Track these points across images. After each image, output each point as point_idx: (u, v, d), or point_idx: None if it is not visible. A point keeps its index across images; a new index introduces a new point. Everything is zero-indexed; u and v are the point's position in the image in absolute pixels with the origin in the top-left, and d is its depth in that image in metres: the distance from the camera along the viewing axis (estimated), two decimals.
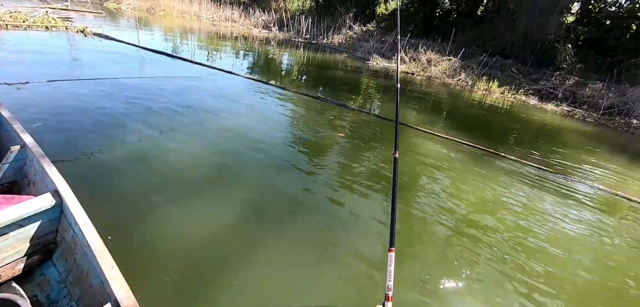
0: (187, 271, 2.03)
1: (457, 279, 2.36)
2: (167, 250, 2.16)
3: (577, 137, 7.75)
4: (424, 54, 14.46)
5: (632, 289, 2.66)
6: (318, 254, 2.38)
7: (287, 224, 2.66)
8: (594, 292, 2.55)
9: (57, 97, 4.24)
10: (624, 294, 2.60)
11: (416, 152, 4.67)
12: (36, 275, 1.70)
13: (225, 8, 21.89)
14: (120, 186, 2.75)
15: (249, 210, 2.75)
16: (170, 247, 2.19)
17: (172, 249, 2.17)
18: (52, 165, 1.92)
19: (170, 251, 2.16)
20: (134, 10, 18.77)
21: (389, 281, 0.67)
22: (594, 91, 11.88)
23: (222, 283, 1.98)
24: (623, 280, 2.76)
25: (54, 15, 10.60)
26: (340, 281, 2.16)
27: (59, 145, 3.12)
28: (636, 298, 2.57)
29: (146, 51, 8.43)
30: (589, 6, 15.49)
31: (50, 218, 1.73)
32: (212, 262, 2.13)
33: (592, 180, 4.88)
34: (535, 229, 3.22)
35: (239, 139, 4.05)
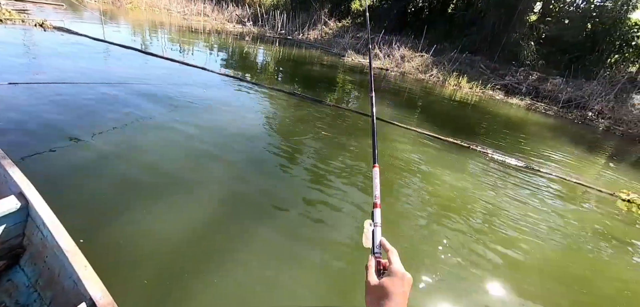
0: (164, 269, 2.01)
1: (429, 265, 2.49)
2: (142, 249, 2.12)
3: (539, 129, 8.27)
4: (398, 50, 14.79)
5: (589, 264, 2.93)
6: (296, 249, 2.43)
7: (263, 220, 2.68)
8: (557, 269, 2.78)
9: (18, 98, 3.98)
10: (583, 270, 2.85)
11: (390, 147, 4.81)
12: (3, 281, 1.63)
13: (197, 2, 21.26)
14: (90, 187, 2.65)
15: (224, 207, 2.75)
16: (145, 246, 2.15)
17: (146, 248, 2.14)
18: (14, 166, 1.83)
19: (145, 249, 2.12)
20: (98, 2, 17.79)
21: (375, 191, 0.82)
22: (554, 86, 12.70)
23: (200, 280, 1.98)
24: (582, 256, 3.02)
25: (9, 7, 9.86)
26: (318, 275, 2.22)
27: (21, 147, 2.95)
28: (593, 274, 2.83)
29: (113, 46, 8.06)
30: (549, 5, 16.45)
31: (16, 221, 1.66)
32: (189, 260, 2.12)
33: (552, 168, 5.25)
34: (502, 214, 3.44)
35: (212, 137, 4.00)
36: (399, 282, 0.62)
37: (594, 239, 3.41)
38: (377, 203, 0.81)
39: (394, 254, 0.70)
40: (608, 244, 3.38)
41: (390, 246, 0.73)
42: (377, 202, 0.82)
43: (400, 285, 0.62)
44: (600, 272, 2.91)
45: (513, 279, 2.53)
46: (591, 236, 3.47)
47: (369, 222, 0.79)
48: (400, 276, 0.63)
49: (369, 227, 0.78)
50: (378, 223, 0.78)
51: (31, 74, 4.92)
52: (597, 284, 2.75)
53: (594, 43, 15.04)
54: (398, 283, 0.62)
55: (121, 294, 1.41)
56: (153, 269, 2.00)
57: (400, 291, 0.61)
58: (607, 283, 2.81)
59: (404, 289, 0.62)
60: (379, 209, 0.81)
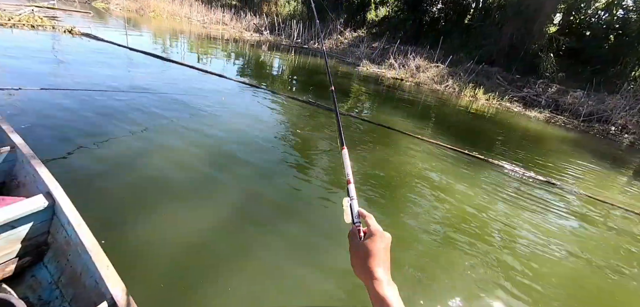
0: (181, 270, 2.06)
1: (443, 280, 2.45)
2: (160, 250, 2.18)
3: (559, 143, 8.04)
4: (413, 60, 14.73)
5: (610, 285, 2.81)
6: (309, 255, 2.44)
7: (277, 225, 2.71)
8: (575, 291, 2.68)
9: (48, 101, 4.18)
10: (603, 291, 2.74)
11: (404, 156, 4.78)
12: (27, 277, 1.70)
13: (216, 11, 21.82)
14: (112, 188, 2.75)
15: (239, 210, 2.79)
16: (163, 246, 2.21)
17: (165, 249, 2.19)
18: (43, 166, 1.92)
19: (163, 250, 2.18)
20: (123, 10, 18.52)
21: (347, 170, 0.87)
22: (575, 99, 12.33)
23: (216, 282, 2.02)
24: (604, 278, 2.90)
25: (40, 14, 10.39)
26: (330, 282, 2.22)
27: (50, 148, 3.10)
28: (614, 294, 2.72)
29: (135, 53, 8.36)
30: (570, 18, 16.09)
31: (42, 219, 1.74)
32: (205, 261, 2.17)
33: (572, 184, 5.08)
34: (519, 231, 3.35)
35: (229, 142, 4.08)
36: (378, 240, 0.67)
37: (618, 261, 3.27)
38: (350, 179, 0.86)
39: (370, 218, 0.74)
40: (634, 267, 3.23)
41: (367, 212, 0.77)
42: (349, 179, 0.86)
43: (380, 242, 0.66)
44: (624, 297, 2.79)
45: (530, 301, 2.45)
46: (615, 258, 3.33)
47: (346, 199, 0.81)
48: (379, 234, 0.68)
49: (347, 202, 0.80)
50: (353, 197, 0.81)
51: (61, 80, 5.15)
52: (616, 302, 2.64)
53: (617, 55, 14.58)
54: (378, 241, 0.67)
55: (140, 293, 1.45)
56: (171, 270, 2.05)
57: (381, 247, 0.66)
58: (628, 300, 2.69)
59: (383, 245, 0.66)
60: (352, 184, 0.85)
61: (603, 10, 15.71)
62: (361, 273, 0.65)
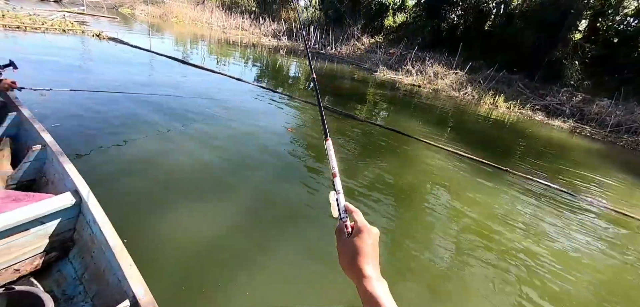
0: (199, 270, 2.09)
1: (458, 295, 2.38)
2: (179, 250, 2.23)
3: (584, 155, 7.72)
4: (431, 67, 14.55)
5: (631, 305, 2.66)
6: (324, 257, 2.43)
7: (293, 227, 2.72)
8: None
9: (76, 102, 4.37)
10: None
11: (421, 164, 4.71)
12: (53, 271, 1.77)
13: (236, 16, 22.29)
14: (135, 187, 2.84)
15: (256, 211, 2.83)
16: (183, 246, 2.26)
17: (184, 249, 2.24)
18: (71, 164, 2.00)
19: (183, 250, 2.23)
20: (147, 16, 19.19)
21: (332, 162, 0.86)
22: (602, 109, 11.83)
23: (233, 283, 2.04)
24: (630, 297, 2.75)
25: (71, 19, 10.91)
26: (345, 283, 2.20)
27: (78, 147, 3.23)
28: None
29: (158, 56, 8.64)
30: (596, 24, 15.49)
31: (69, 216, 1.81)
32: (223, 262, 2.20)
33: (598, 198, 4.86)
34: (539, 246, 3.23)
35: (246, 144, 4.14)
36: (366, 236, 0.65)
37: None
38: (335, 172, 0.83)
39: (357, 213, 0.72)
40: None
41: (353, 207, 0.75)
42: (335, 172, 0.83)
43: (368, 237, 0.65)
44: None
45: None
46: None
47: (332, 193, 0.79)
48: (366, 230, 0.66)
49: (333, 196, 0.78)
50: (340, 190, 0.79)
51: (88, 82, 5.38)
52: None
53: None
54: (365, 237, 0.65)
55: (160, 293, 1.48)
56: (190, 270, 2.09)
57: (369, 243, 0.65)
58: None
59: (371, 241, 0.65)
60: (338, 177, 0.82)
61: (632, 17, 15.04)
62: (350, 271, 0.64)
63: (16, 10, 10.12)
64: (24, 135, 2.62)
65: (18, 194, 1.83)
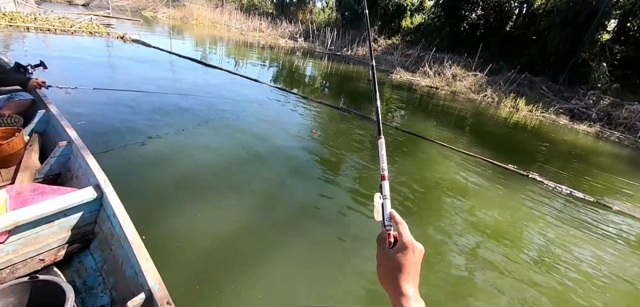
0: (212, 266, 2.13)
1: (476, 300, 2.32)
2: (194, 246, 2.28)
3: (611, 161, 7.37)
4: (449, 68, 14.27)
5: None
6: (335, 257, 2.43)
7: (306, 226, 2.74)
8: None
9: (100, 100, 4.55)
10: None
11: (437, 168, 4.62)
12: (75, 262, 1.84)
13: (254, 18, 22.61)
14: (153, 183, 2.93)
15: (270, 210, 2.86)
16: (197, 243, 2.31)
17: (198, 245, 2.29)
18: (94, 160, 2.08)
19: (197, 246, 2.28)
20: (169, 18, 19.75)
21: (382, 164, 0.80)
22: (632, 113, 11.25)
23: (246, 279, 2.06)
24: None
25: (97, 21, 11.38)
26: (352, 282, 2.18)
27: (100, 143, 3.36)
28: None
29: (178, 57, 8.87)
30: (626, 24, 14.76)
31: (91, 210, 1.88)
32: (236, 259, 2.23)
33: (628, 207, 4.62)
34: (563, 257, 3.10)
35: (262, 144, 4.19)
36: (410, 254, 0.62)
37: None
38: (385, 175, 0.79)
39: (403, 226, 0.68)
40: None
41: (400, 218, 0.71)
42: (384, 174, 0.79)
43: (412, 256, 0.62)
44: None
45: None
46: None
47: (378, 195, 0.75)
48: (412, 247, 0.63)
49: (378, 200, 0.75)
50: (387, 195, 0.75)
51: (111, 81, 5.59)
52: None
53: None
54: (409, 254, 0.62)
55: (174, 287, 1.51)
56: (203, 265, 2.13)
57: (412, 262, 0.62)
58: None
59: (415, 259, 0.62)
60: (387, 181, 0.78)
61: None
62: (388, 285, 0.62)
63: (47, 13, 10.64)
64: (52, 131, 2.75)
65: (44, 187, 1.92)
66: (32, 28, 8.76)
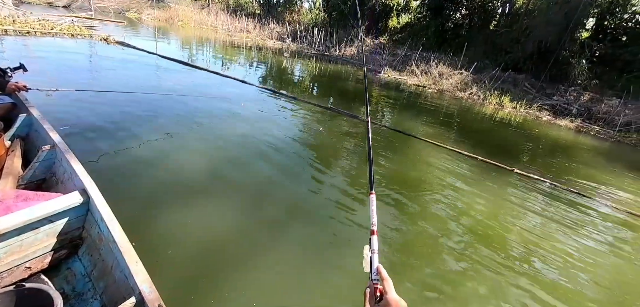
0: (203, 268, 2.12)
1: (460, 295, 2.37)
2: (184, 248, 2.26)
3: (592, 154, 7.62)
4: (436, 67, 14.48)
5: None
6: (322, 255, 2.45)
7: (293, 225, 2.74)
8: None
9: (83, 103, 4.44)
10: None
11: (424, 165, 4.69)
12: (63, 268, 1.80)
13: (241, 19, 22.44)
14: (141, 186, 2.88)
15: (259, 211, 2.85)
16: (187, 245, 2.29)
17: (188, 247, 2.27)
18: (79, 164, 2.04)
19: (187, 248, 2.26)
20: (154, 20, 19.42)
21: (372, 218, 0.84)
22: (610, 108, 11.67)
23: (237, 280, 2.06)
24: (635, 301, 2.71)
25: (79, 23, 11.09)
26: (343, 283, 2.20)
27: (85, 147, 3.29)
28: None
29: (164, 59, 8.73)
30: (604, 22, 15.28)
31: (78, 215, 1.84)
32: (227, 260, 2.23)
33: (607, 199, 4.79)
34: (547, 248, 3.19)
35: (250, 145, 4.17)
36: None
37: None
38: (375, 230, 0.83)
39: (389, 283, 0.73)
40: None
41: (386, 275, 0.75)
42: (374, 229, 0.83)
43: None
44: None
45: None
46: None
47: (367, 248, 0.80)
48: (394, 303, 0.68)
49: (367, 252, 0.80)
50: (375, 250, 0.79)
51: (95, 83, 5.47)
52: None
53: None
54: None
55: (165, 289, 1.50)
56: (194, 267, 2.12)
57: None
58: None
59: None
60: (376, 236, 0.82)
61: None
62: None
63: (26, 15, 10.32)
64: (35, 135, 2.68)
65: (28, 193, 1.88)
66: (11, 31, 8.47)
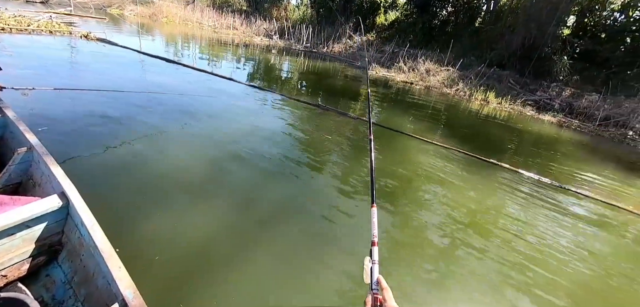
0: (189, 270, 2.07)
1: (451, 286, 2.40)
2: (169, 250, 2.20)
3: (573, 148, 7.84)
4: (423, 64, 14.62)
5: (623, 294, 2.71)
6: (311, 254, 2.44)
7: (282, 225, 2.71)
8: (588, 299, 2.59)
9: (62, 103, 4.29)
10: (616, 299, 2.64)
11: (413, 160, 4.73)
12: (41, 276, 1.73)
13: (227, 16, 22.11)
14: (123, 188, 2.79)
15: (246, 211, 2.80)
16: (172, 247, 2.23)
17: (173, 249, 2.21)
18: (58, 166, 1.96)
19: (172, 251, 2.20)
20: (137, 16, 18.92)
21: (373, 230, 0.85)
22: (590, 102, 12.03)
23: (223, 282, 2.02)
24: (618, 287, 2.80)
25: (58, 20, 10.70)
26: (332, 280, 2.19)
27: (64, 149, 3.16)
28: (627, 302, 2.62)
29: (148, 57, 8.52)
30: (584, 20, 15.74)
31: (57, 219, 1.77)
32: (213, 261, 2.18)
33: (588, 190, 4.94)
34: (531, 238, 3.26)
35: (236, 144, 4.10)
36: None
37: (634, 268, 3.15)
38: (375, 241, 0.84)
39: (388, 293, 0.75)
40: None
41: (386, 284, 0.77)
42: (375, 241, 0.84)
43: None
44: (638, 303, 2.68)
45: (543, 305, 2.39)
46: (631, 264, 3.21)
47: (368, 259, 0.81)
48: None
49: (368, 264, 0.80)
50: (376, 261, 0.80)
51: (75, 82, 5.28)
52: None
53: (635, 58, 14.15)
54: None
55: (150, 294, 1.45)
56: (180, 270, 2.07)
57: None
58: None
59: None
60: (377, 247, 0.83)
61: (619, 12, 15.32)
62: None
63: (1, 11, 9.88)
64: (9, 137, 2.56)
65: (3, 198, 1.79)
66: None
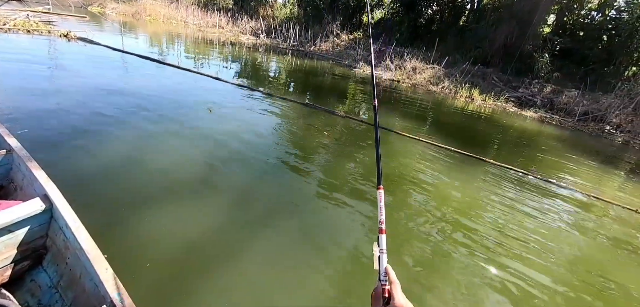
0: (179, 271, 2.05)
1: (438, 279, 2.46)
2: (158, 251, 2.17)
3: (554, 142, 8.10)
4: (410, 62, 14.80)
5: (605, 283, 2.83)
6: (305, 252, 2.45)
7: (274, 224, 2.72)
8: (571, 287, 2.70)
9: (43, 104, 4.16)
10: (599, 288, 2.76)
11: (401, 157, 4.80)
12: (26, 281, 1.69)
13: (213, 14, 21.82)
14: (109, 190, 2.74)
15: (236, 211, 2.80)
16: (161, 248, 2.21)
17: (162, 250, 2.19)
18: (40, 169, 1.91)
19: (161, 252, 2.18)
20: (119, 14, 18.47)
21: (381, 216, 0.83)
22: (570, 98, 12.44)
23: (214, 282, 2.02)
24: (598, 274, 2.92)
25: (36, 18, 10.34)
26: (324, 279, 2.22)
27: (46, 151, 3.08)
28: (609, 291, 2.74)
29: (131, 56, 8.34)
30: (563, 18, 16.25)
31: (40, 223, 1.73)
32: (203, 262, 2.16)
33: (568, 183, 5.12)
34: (516, 230, 3.37)
35: (225, 143, 4.08)
36: None
37: (616, 257, 3.30)
38: (383, 229, 0.81)
39: (396, 286, 0.73)
40: (630, 261, 3.27)
41: (394, 277, 0.75)
42: (382, 228, 0.81)
43: None
44: (621, 289, 2.81)
45: (526, 299, 2.47)
46: (613, 254, 3.36)
47: (376, 246, 0.78)
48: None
49: (376, 251, 0.78)
50: (384, 249, 0.78)
51: (56, 83, 5.13)
52: (617, 304, 2.66)
53: (611, 55, 14.73)
54: None
55: (139, 295, 1.44)
56: (169, 271, 2.05)
57: None
58: (628, 302, 2.71)
59: None
60: (384, 234, 0.80)
61: (596, 11, 15.89)
62: None
63: None
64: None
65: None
66: None
